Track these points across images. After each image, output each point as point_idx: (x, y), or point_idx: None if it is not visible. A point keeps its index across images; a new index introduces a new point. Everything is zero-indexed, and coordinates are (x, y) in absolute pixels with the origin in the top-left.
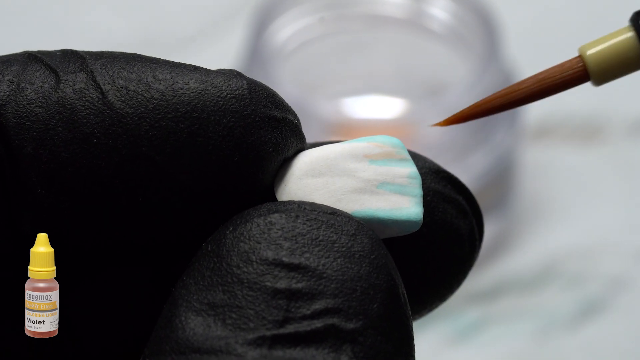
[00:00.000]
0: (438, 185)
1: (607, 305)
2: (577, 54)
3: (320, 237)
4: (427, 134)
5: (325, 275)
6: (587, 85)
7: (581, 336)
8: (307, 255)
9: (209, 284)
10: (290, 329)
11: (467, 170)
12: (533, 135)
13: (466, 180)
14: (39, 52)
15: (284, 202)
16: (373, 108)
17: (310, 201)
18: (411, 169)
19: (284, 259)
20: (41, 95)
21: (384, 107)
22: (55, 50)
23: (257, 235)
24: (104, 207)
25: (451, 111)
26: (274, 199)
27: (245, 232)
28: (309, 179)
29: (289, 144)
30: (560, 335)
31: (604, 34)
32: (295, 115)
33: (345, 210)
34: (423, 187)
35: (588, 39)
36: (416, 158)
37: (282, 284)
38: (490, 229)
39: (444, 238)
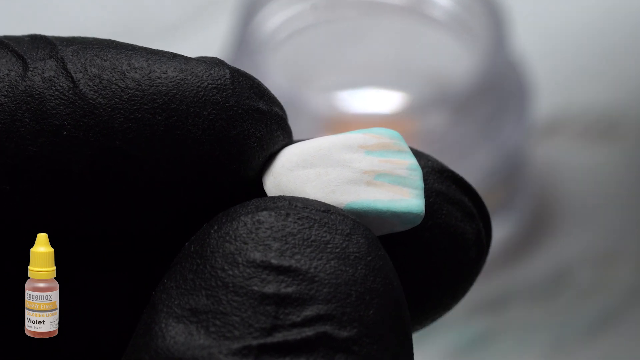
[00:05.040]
0: (442, 185)
1: (624, 316)
2: (588, 43)
3: (313, 237)
4: (428, 131)
5: (317, 278)
6: (601, 77)
7: (597, 349)
8: (298, 256)
9: (192, 288)
10: (278, 337)
11: (472, 169)
12: (544, 132)
13: (471, 180)
14: (5, 37)
15: (273, 199)
16: (370, 102)
17: (302, 194)
18: (410, 160)
19: (272, 260)
20: (7, 83)
21: (381, 101)
22: (23, 35)
23: (244, 235)
24: (74, 204)
25: (453, 106)
26: (259, 193)
27: (231, 232)
28: (300, 170)
29: (274, 138)
30: (574, 349)
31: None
32: (282, 107)
33: (340, 202)
34: (425, 187)
35: (598, 27)
36: (418, 156)
37: (270, 289)
38: (497, 233)
39: (448, 243)
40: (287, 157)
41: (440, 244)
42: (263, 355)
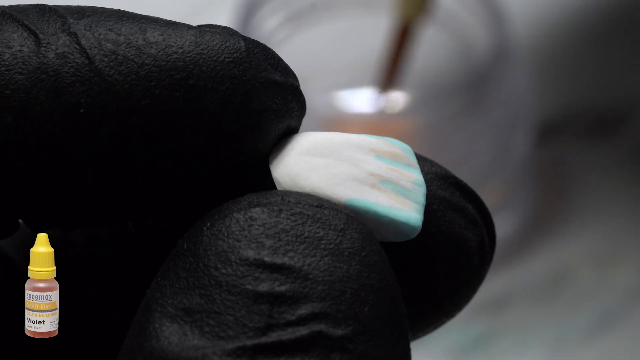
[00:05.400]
0: (445, 192)
1: (624, 317)
2: (592, 42)
3: (306, 234)
4: (429, 130)
5: (311, 276)
6: (604, 74)
7: (596, 351)
8: (292, 254)
9: (185, 287)
10: (273, 337)
11: (472, 169)
12: (545, 131)
13: (471, 180)
14: (11, 7)
15: (266, 194)
16: (369, 101)
17: (306, 179)
18: (418, 176)
19: (265, 258)
20: (20, 60)
21: (381, 100)
22: (29, 6)
23: (237, 233)
24: (90, 183)
25: (454, 105)
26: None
27: (223, 229)
28: (309, 157)
29: (290, 110)
30: (575, 350)
31: (620, 21)
32: (295, 77)
33: (342, 196)
34: (429, 194)
35: (599, 26)
36: (422, 161)
37: (264, 287)
38: (497, 233)
39: (451, 250)
40: (299, 142)
41: (442, 251)
42: (257, 355)
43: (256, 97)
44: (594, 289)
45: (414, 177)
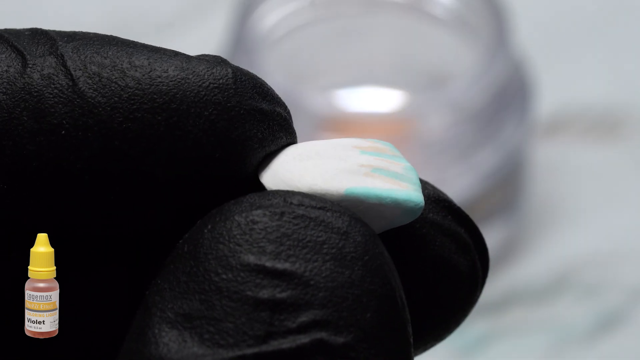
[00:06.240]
0: (437, 216)
1: (626, 317)
2: (592, 40)
3: (308, 238)
4: (429, 130)
5: (312, 282)
6: (605, 75)
7: (598, 351)
8: (293, 259)
9: (185, 291)
10: (273, 345)
11: (472, 170)
12: (545, 131)
13: (472, 181)
14: (5, 30)
15: (268, 195)
16: (369, 101)
17: (301, 181)
18: (406, 163)
19: (267, 264)
20: (6, 80)
21: (381, 99)
22: (23, 29)
23: (238, 237)
24: (72, 204)
25: (453, 105)
26: (258, 185)
27: (224, 232)
28: (297, 162)
29: (276, 140)
30: (576, 351)
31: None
32: (286, 108)
33: (340, 187)
34: (420, 218)
35: (603, 25)
36: None
37: (264, 294)
38: (498, 234)
39: (441, 275)
40: (283, 154)
41: (432, 276)
42: None
43: (240, 124)
44: (594, 289)
45: (403, 164)
